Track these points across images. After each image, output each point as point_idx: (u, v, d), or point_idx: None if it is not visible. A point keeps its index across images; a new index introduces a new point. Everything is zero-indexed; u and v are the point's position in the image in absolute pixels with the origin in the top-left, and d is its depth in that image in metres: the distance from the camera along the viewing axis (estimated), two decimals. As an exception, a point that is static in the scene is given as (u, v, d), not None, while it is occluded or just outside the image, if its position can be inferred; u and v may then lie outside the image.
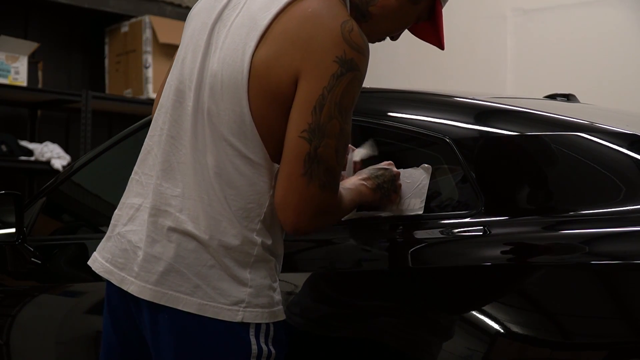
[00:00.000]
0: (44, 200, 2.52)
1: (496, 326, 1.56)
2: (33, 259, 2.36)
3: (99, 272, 1.62)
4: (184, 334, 1.52)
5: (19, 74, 5.19)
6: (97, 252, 1.65)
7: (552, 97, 2.38)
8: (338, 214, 1.60)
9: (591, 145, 1.68)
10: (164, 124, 1.60)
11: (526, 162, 1.73)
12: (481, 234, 1.65)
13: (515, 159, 1.74)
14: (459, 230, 1.69)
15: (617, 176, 1.64)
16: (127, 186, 1.65)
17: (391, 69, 5.51)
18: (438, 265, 1.69)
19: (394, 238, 1.76)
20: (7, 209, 2.38)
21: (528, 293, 1.59)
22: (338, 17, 1.49)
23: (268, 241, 1.54)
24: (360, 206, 1.80)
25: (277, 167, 1.52)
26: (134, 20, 5.67)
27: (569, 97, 2.37)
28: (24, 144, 5.31)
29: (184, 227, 1.52)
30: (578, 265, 1.55)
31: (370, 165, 1.79)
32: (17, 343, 2.45)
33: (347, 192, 1.64)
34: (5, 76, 5.13)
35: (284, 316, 1.57)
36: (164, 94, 1.63)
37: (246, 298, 1.51)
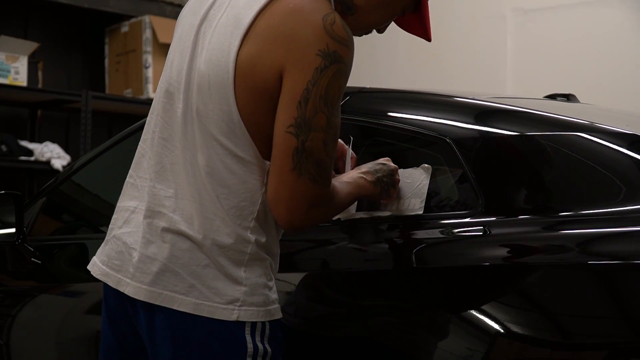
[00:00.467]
0: (44, 200, 2.52)
1: (496, 326, 1.56)
2: (33, 259, 2.36)
3: (96, 275, 1.63)
4: (180, 333, 1.52)
5: (19, 74, 5.20)
6: (96, 256, 1.66)
7: (552, 97, 2.38)
8: (333, 207, 1.59)
9: (591, 145, 1.68)
10: (155, 127, 1.60)
11: (526, 162, 1.73)
12: (481, 234, 1.65)
13: (515, 159, 1.74)
14: (459, 230, 1.69)
15: (617, 176, 1.64)
16: (123, 190, 1.66)
17: (391, 69, 5.50)
18: (438, 265, 1.69)
19: (393, 238, 1.76)
20: (7, 209, 2.38)
21: (528, 293, 1.59)
22: (320, 11, 1.49)
23: (262, 239, 1.54)
24: (360, 206, 1.80)
25: (269, 164, 1.52)
26: (134, 20, 5.68)
27: (569, 97, 2.37)
28: (24, 144, 5.31)
29: (178, 227, 1.53)
30: (578, 265, 1.55)
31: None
32: (17, 343, 2.45)
33: (345, 185, 1.63)
34: (5, 76, 5.14)
35: (280, 315, 1.57)
36: (155, 97, 1.64)
37: (241, 297, 1.51)
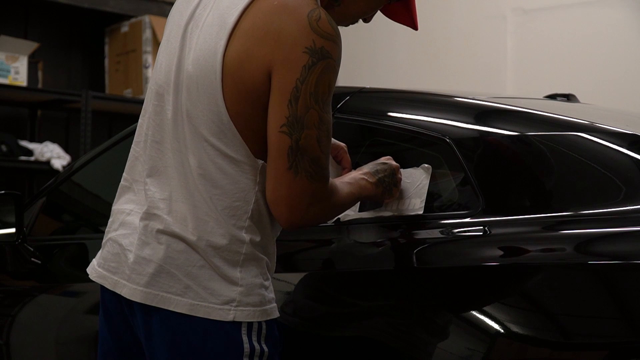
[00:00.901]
0: (44, 200, 2.52)
1: (496, 326, 1.56)
2: (33, 259, 2.36)
3: (93, 277, 1.63)
4: (176, 334, 1.52)
5: (19, 74, 5.19)
6: (94, 259, 1.66)
7: (552, 97, 2.39)
8: (333, 205, 1.57)
9: (591, 145, 1.68)
10: (147, 130, 1.60)
11: (526, 162, 1.73)
12: (481, 234, 1.65)
13: (516, 159, 1.74)
14: (459, 230, 1.68)
15: (617, 176, 1.64)
16: (117, 193, 1.65)
17: (391, 69, 5.50)
18: (438, 265, 1.68)
19: (393, 238, 1.76)
20: (7, 209, 2.38)
21: (528, 293, 1.59)
22: (304, 7, 1.48)
23: (257, 238, 1.54)
24: (362, 206, 1.80)
25: (261, 163, 1.52)
26: (134, 20, 5.67)
27: (569, 97, 2.38)
28: (24, 144, 5.31)
29: (172, 229, 1.53)
30: (578, 265, 1.55)
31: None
32: (17, 343, 2.45)
33: (346, 185, 1.63)
34: (5, 76, 5.13)
35: (277, 314, 1.57)
36: (146, 99, 1.63)
37: (237, 297, 1.51)
